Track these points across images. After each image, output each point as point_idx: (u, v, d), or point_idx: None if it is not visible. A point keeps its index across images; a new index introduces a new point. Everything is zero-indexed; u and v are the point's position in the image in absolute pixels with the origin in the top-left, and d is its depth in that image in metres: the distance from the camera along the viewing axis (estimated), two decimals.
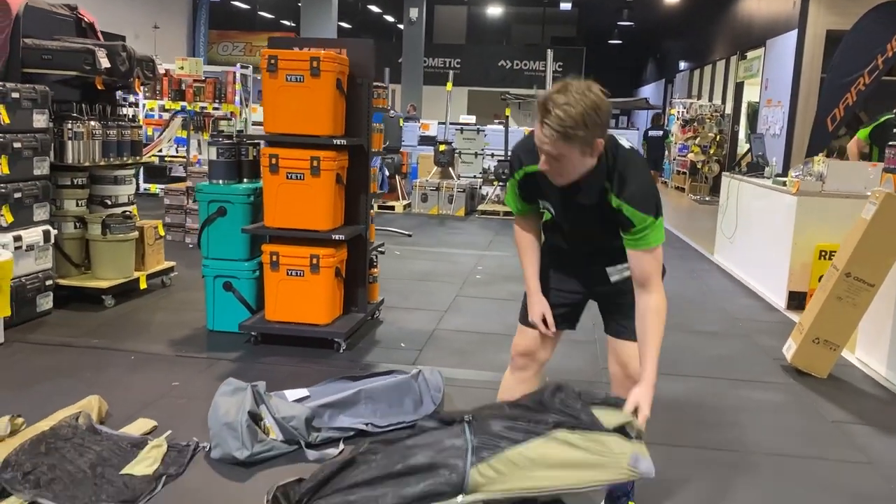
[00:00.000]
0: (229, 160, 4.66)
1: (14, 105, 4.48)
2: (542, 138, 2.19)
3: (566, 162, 2.22)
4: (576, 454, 2.15)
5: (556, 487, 2.16)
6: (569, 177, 2.28)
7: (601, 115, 2.13)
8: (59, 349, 4.27)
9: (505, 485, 2.15)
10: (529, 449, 2.17)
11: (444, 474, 2.16)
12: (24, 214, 4.62)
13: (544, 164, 2.25)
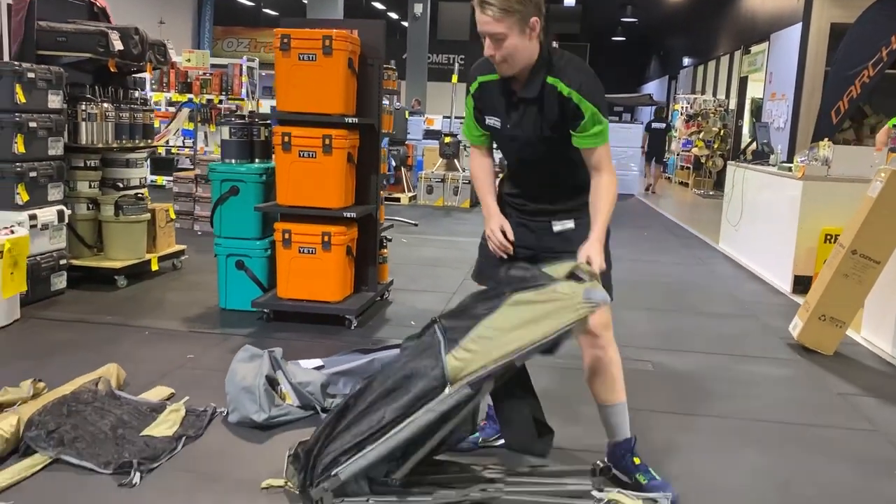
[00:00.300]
0: (241, 140, 4.71)
1: (30, 85, 4.53)
2: (484, 20, 2.37)
3: (510, 45, 2.38)
4: (535, 309, 2.24)
5: (525, 345, 2.22)
6: (514, 63, 2.44)
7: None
8: (74, 325, 4.33)
9: (481, 361, 2.21)
10: (493, 319, 2.26)
11: (427, 373, 2.24)
12: (38, 194, 4.68)
13: (489, 48, 2.40)
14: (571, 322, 2.21)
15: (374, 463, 2.26)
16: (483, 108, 2.66)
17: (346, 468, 2.24)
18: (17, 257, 4.17)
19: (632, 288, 6.04)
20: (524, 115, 2.54)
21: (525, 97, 2.50)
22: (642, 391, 3.67)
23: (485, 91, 2.62)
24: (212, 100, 11.13)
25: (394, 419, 2.24)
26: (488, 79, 2.58)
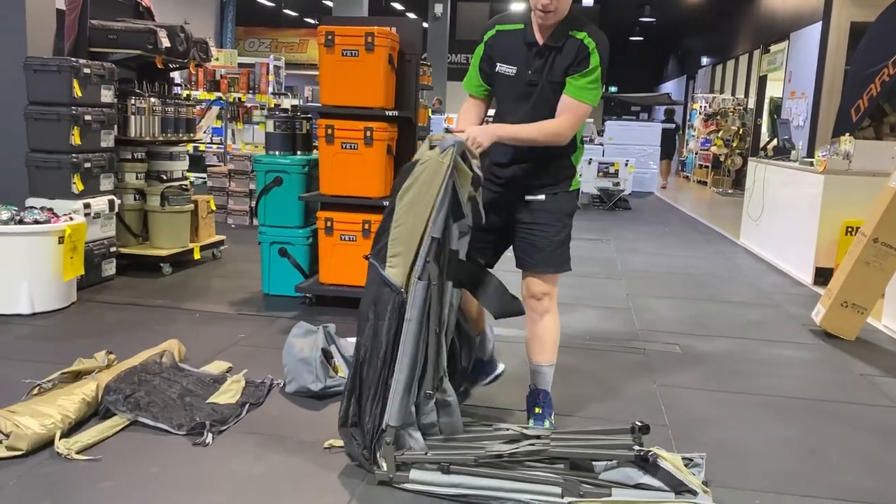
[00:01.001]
0: (285, 133, 4.93)
1: (85, 80, 4.77)
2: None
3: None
4: (417, 187, 2.50)
5: (428, 216, 2.49)
6: (560, 13, 2.70)
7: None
8: (127, 307, 4.56)
9: (409, 254, 2.51)
10: (396, 221, 2.54)
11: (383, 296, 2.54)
12: (92, 184, 4.91)
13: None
14: (445, 175, 2.44)
15: (404, 396, 2.46)
16: (495, 56, 2.85)
17: (389, 415, 2.46)
18: (76, 242, 4.41)
19: (656, 279, 6.21)
20: (543, 63, 2.77)
21: (552, 45, 2.74)
22: (672, 371, 3.86)
23: (502, 39, 2.84)
24: (240, 98, 11.39)
25: (388, 347, 2.48)
26: (508, 27, 2.83)
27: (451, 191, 2.48)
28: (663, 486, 2.38)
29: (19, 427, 2.56)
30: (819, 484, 2.68)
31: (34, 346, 3.78)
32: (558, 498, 2.38)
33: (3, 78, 4.75)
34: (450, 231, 2.53)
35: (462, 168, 2.51)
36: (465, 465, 2.47)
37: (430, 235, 2.47)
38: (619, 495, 2.38)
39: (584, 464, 2.48)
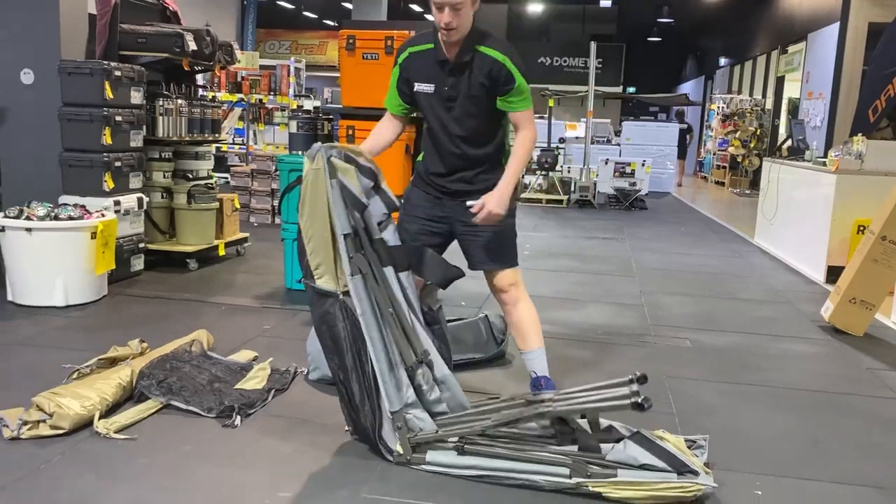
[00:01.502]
0: (308, 133, 5.09)
1: (116, 82, 4.96)
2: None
3: (465, 12, 2.81)
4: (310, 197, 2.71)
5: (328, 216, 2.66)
6: (462, 30, 2.85)
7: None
8: (156, 300, 4.74)
9: (328, 259, 2.67)
10: (305, 232, 2.72)
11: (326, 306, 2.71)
12: (121, 182, 5.11)
13: (448, 16, 2.80)
14: (326, 177, 2.63)
15: (390, 381, 2.63)
16: (412, 77, 3.04)
17: (385, 404, 2.62)
18: (107, 238, 4.60)
19: (670, 277, 6.32)
20: (457, 78, 2.96)
21: (461, 61, 2.92)
22: (681, 364, 3.98)
23: (415, 60, 3.02)
24: (261, 99, 11.60)
25: (353, 351, 2.63)
26: (419, 48, 3.01)
27: (339, 187, 2.64)
28: (666, 466, 2.50)
29: (62, 408, 2.74)
30: (819, 469, 2.79)
31: (70, 336, 3.97)
32: (566, 478, 2.51)
33: (39, 80, 4.95)
34: (361, 223, 2.68)
35: (341, 166, 2.67)
36: (477, 443, 2.62)
37: (340, 234, 2.63)
38: (624, 476, 2.50)
39: (591, 445, 2.61)
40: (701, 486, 2.46)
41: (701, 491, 2.45)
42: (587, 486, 2.49)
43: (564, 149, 13.48)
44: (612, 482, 2.49)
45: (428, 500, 2.42)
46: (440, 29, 2.87)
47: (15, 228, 4.36)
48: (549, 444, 2.66)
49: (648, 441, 2.57)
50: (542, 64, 25.24)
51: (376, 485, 2.50)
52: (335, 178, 2.65)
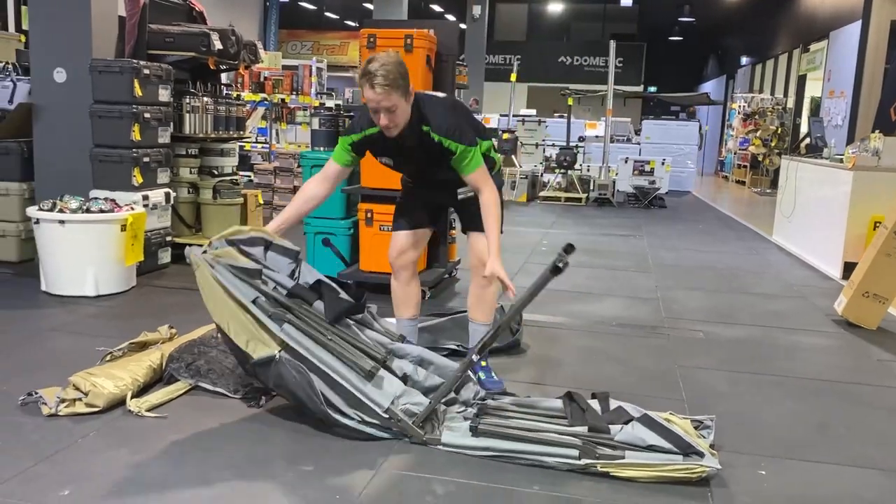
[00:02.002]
0: (330, 129, 5.23)
1: (145, 80, 5.13)
2: (376, 98, 2.90)
3: (398, 111, 2.95)
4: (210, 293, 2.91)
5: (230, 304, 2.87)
6: (399, 125, 3.01)
7: (405, 68, 2.96)
8: (182, 291, 4.90)
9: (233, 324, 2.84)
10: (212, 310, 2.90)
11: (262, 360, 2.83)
12: (150, 177, 5.27)
13: (384, 119, 2.95)
14: (209, 272, 2.83)
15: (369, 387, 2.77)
16: (368, 150, 3.26)
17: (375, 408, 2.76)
18: (136, 231, 4.76)
19: (686, 273, 6.38)
20: (412, 153, 3.19)
21: (408, 143, 3.11)
22: (692, 354, 4.07)
23: (371, 141, 3.18)
24: (283, 99, 11.78)
25: (311, 393, 2.73)
26: (368, 132, 3.16)
27: (226, 268, 2.84)
28: (673, 448, 2.59)
29: (96, 387, 2.88)
30: (824, 452, 2.87)
31: (102, 323, 4.13)
32: (576, 459, 2.60)
33: (71, 79, 5.13)
34: (268, 284, 2.89)
35: (221, 252, 2.89)
36: (490, 424, 2.74)
37: (248, 303, 2.78)
38: (631, 458, 2.59)
39: (601, 427, 2.71)
40: (706, 468, 2.54)
41: (705, 472, 2.54)
42: (595, 467, 2.58)
43: (584, 147, 13.55)
44: (619, 463, 2.58)
45: (443, 475, 2.52)
46: (381, 127, 3.04)
47: (49, 221, 4.54)
48: (561, 424, 2.76)
49: (656, 423, 2.67)
50: (562, 63, 25.29)
51: (395, 459, 2.62)
52: (219, 264, 2.84)
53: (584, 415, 2.78)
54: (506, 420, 2.79)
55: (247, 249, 2.98)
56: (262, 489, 2.39)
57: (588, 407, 2.83)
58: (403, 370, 2.97)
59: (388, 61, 2.90)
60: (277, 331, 2.77)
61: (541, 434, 2.70)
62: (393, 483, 2.47)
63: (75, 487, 2.33)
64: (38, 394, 2.90)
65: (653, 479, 2.55)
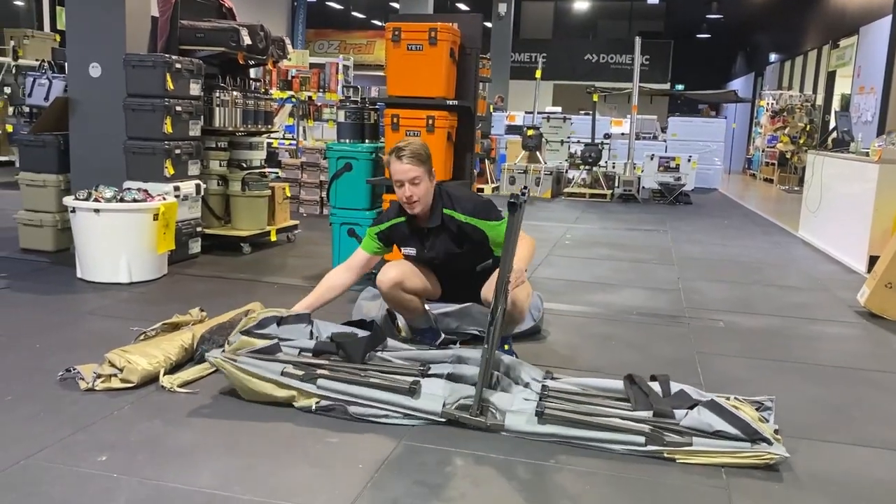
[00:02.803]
0: (355, 122, 5.32)
1: (176, 75, 5.28)
2: (402, 169, 3.27)
3: (422, 185, 3.28)
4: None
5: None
6: (424, 202, 3.33)
7: (429, 151, 3.37)
8: (212, 279, 5.04)
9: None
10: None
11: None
12: (181, 169, 5.42)
13: (408, 191, 3.27)
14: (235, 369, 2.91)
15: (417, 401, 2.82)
16: (394, 241, 3.53)
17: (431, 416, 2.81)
18: (168, 220, 4.91)
19: (709, 265, 6.40)
20: (435, 241, 3.44)
21: (431, 227, 3.40)
22: (712, 341, 4.11)
23: (395, 231, 3.50)
24: (311, 96, 11.94)
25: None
26: (397, 221, 3.48)
27: (246, 356, 2.96)
28: (740, 434, 2.57)
29: (131, 363, 3.01)
30: (839, 432, 2.91)
31: (135, 308, 4.27)
32: (642, 446, 2.60)
33: (106, 74, 5.29)
34: (291, 354, 3.04)
35: (237, 344, 3.03)
36: (555, 409, 2.73)
37: (279, 377, 2.89)
38: (699, 445, 2.57)
39: (665, 411, 2.69)
40: (774, 455, 2.52)
41: (774, 460, 2.52)
42: (662, 454, 2.58)
43: (609, 144, 13.54)
44: (686, 451, 2.57)
45: (463, 448, 2.60)
46: (403, 203, 3.33)
47: (85, 209, 4.69)
48: (624, 408, 2.76)
49: (723, 408, 2.64)
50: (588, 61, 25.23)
51: (417, 434, 2.70)
52: (238, 356, 2.95)
53: (648, 399, 2.77)
54: (570, 405, 2.78)
55: (260, 332, 3.11)
56: (289, 458, 2.49)
57: (650, 390, 2.82)
58: (445, 371, 2.99)
59: (415, 142, 3.38)
60: (314, 390, 2.84)
61: (607, 420, 2.69)
62: (414, 453, 2.56)
63: (112, 454, 2.45)
64: (75, 370, 3.03)
65: (720, 464, 2.54)
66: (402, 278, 3.48)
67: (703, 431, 2.61)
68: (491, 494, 2.30)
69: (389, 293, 3.51)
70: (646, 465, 2.54)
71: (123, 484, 2.26)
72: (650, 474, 2.48)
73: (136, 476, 2.31)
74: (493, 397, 2.85)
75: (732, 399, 2.79)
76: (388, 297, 3.56)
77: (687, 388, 2.88)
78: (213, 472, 2.36)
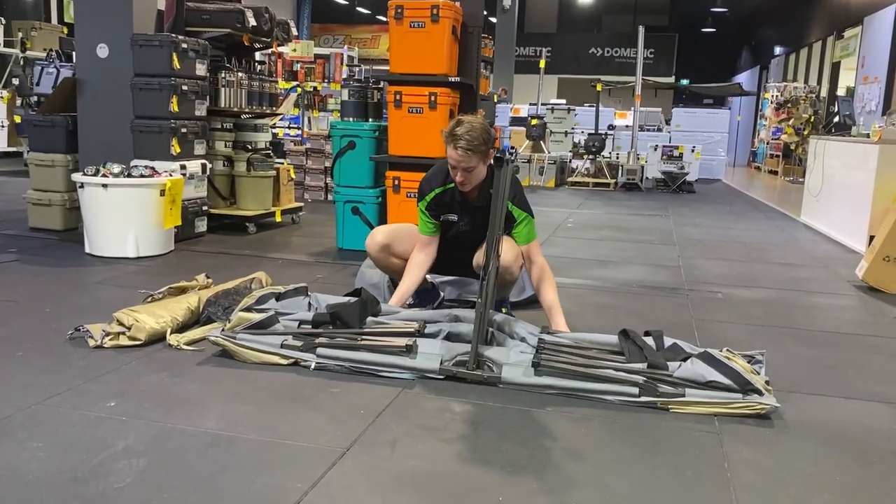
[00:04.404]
0: (359, 101, 5.40)
1: (183, 54, 5.35)
2: (457, 158, 3.21)
3: (474, 172, 3.26)
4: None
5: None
6: (473, 184, 3.32)
7: (489, 133, 3.24)
8: (218, 256, 5.11)
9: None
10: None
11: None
12: (187, 148, 5.49)
13: (460, 177, 3.27)
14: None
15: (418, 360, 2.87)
16: (439, 210, 3.50)
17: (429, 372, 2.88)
18: (175, 196, 4.98)
19: (710, 246, 6.46)
20: (476, 216, 3.40)
21: (477, 205, 3.39)
22: (710, 310, 4.17)
23: (440, 199, 3.48)
24: (315, 87, 12.01)
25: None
26: (442, 189, 3.48)
27: (248, 333, 3.01)
28: (732, 384, 2.63)
29: (139, 321, 3.08)
30: (831, 387, 2.96)
31: (142, 279, 4.35)
32: (635, 397, 2.66)
33: (113, 54, 5.36)
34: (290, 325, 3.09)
35: (236, 320, 3.07)
36: (551, 361, 2.78)
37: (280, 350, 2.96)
38: (691, 396, 2.63)
39: (659, 363, 2.75)
40: (765, 405, 2.59)
41: (765, 410, 2.58)
42: (655, 404, 2.64)
43: (613, 135, 13.58)
44: (679, 401, 2.63)
45: (462, 398, 2.67)
46: (456, 182, 3.33)
47: (93, 185, 4.77)
48: (619, 361, 2.81)
49: (716, 359, 2.69)
50: (592, 55, 25.26)
51: (418, 386, 2.77)
52: (237, 333, 3.00)
53: (642, 352, 2.82)
54: (565, 357, 2.83)
55: (260, 307, 3.20)
56: (292, 405, 2.55)
57: (644, 344, 2.88)
58: (441, 330, 3.06)
59: (475, 126, 3.20)
60: (314, 358, 2.90)
61: (601, 371, 2.74)
62: (414, 402, 2.63)
63: (121, 400, 2.52)
64: (84, 328, 3.11)
65: (712, 413, 2.60)
66: (390, 241, 3.57)
67: (696, 381, 2.67)
68: (488, 436, 2.37)
69: (378, 257, 3.60)
70: (640, 413, 2.60)
71: (131, 426, 2.33)
72: (644, 420, 2.54)
73: (144, 419, 2.38)
74: (489, 352, 2.91)
75: (725, 351, 2.84)
76: (378, 262, 3.64)
77: (680, 343, 2.95)
78: (219, 416, 2.43)
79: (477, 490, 2.02)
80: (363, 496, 1.97)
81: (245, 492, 1.96)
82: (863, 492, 2.12)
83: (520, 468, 2.16)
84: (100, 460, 2.10)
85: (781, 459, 2.29)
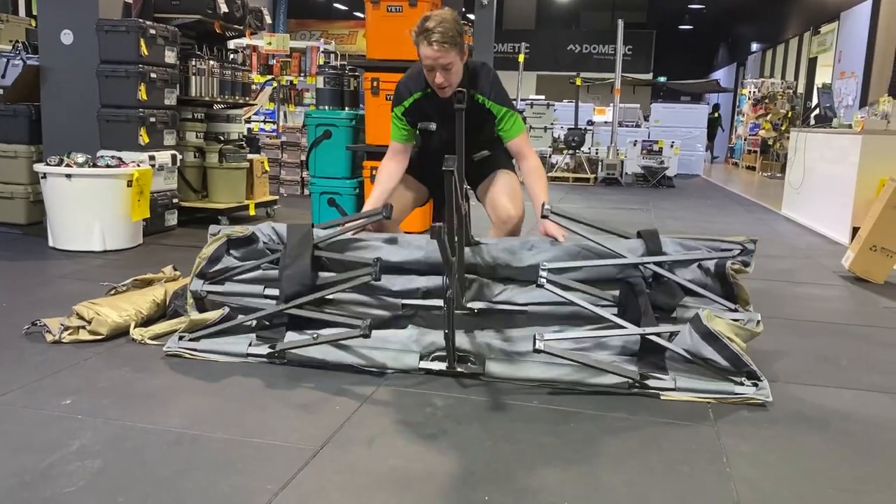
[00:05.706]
0: (334, 88, 5.25)
1: (151, 40, 5.15)
2: (433, 55, 2.86)
3: (454, 70, 2.93)
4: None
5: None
6: (454, 84, 2.97)
7: (461, 26, 2.93)
8: (189, 249, 4.91)
9: None
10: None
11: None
12: (156, 138, 5.30)
13: (440, 77, 2.92)
14: None
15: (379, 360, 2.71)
16: (417, 117, 3.19)
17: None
18: (143, 186, 4.79)
19: None
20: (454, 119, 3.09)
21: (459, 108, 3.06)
22: None
23: (415, 106, 3.17)
24: (291, 80, 11.80)
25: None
26: (418, 95, 3.15)
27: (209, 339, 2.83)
28: (729, 366, 2.54)
29: (100, 315, 2.91)
30: (824, 377, 2.86)
31: (108, 272, 4.15)
32: (625, 389, 2.55)
33: (78, 40, 5.15)
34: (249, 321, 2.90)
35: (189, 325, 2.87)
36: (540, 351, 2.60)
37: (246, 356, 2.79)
38: (683, 384, 2.55)
39: (654, 345, 2.65)
40: (758, 399, 2.52)
41: (759, 401, 2.51)
42: (646, 393, 2.56)
43: (593, 131, 13.51)
44: (671, 395, 2.55)
45: (445, 392, 2.53)
46: (434, 87, 3.01)
47: (56, 175, 4.57)
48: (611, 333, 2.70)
49: (715, 338, 2.56)
50: (571, 51, 25.22)
51: (401, 378, 2.62)
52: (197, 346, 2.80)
53: (639, 312, 2.70)
54: (557, 343, 2.67)
55: (216, 269, 3.08)
56: (263, 400, 2.40)
57: (646, 307, 2.73)
58: (418, 288, 2.87)
59: (446, 18, 2.87)
60: (280, 348, 2.74)
61: (591, 361, 2.61)
62: (397, 394, 2.49)
63: (77, 398, 2.35)
64: (42, 322, 2.93)
65: (702, 401, 2.53)
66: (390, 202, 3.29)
67: (693, 354, 2.58)
68: (472, 432, 2.23)
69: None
70: (631, 406, 2.48)
71: (87, 424, 2.16)
72: (636, 414, 2.41)
73: (101, 417, 2.21)
74: (468, 344, 2.76)
75: (708, 312, 2.67)
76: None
77: (672, 244, 3.16)
78: (183, 413, 2.27)
79: (461, 490, 1.88)
80: (337, 498, 1.83)
81: (209, 494, 1.81)
82: (867, 486, 2.01)
83: (506, 465, 2.02)
84: (50, 462, 1.93)
85: (782, 454, 2.17)
